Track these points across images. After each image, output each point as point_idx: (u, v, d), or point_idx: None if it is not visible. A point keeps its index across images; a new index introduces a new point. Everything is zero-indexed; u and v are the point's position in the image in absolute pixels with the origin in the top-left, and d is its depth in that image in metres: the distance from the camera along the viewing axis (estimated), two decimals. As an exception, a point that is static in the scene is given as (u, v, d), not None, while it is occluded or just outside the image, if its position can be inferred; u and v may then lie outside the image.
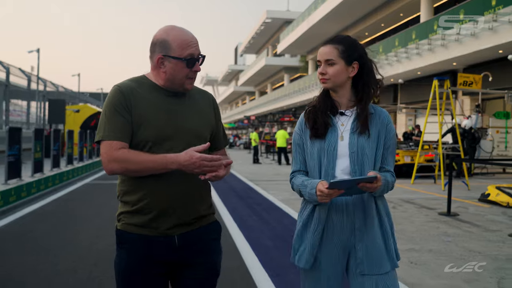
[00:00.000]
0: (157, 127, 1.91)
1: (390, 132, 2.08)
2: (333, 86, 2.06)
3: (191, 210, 1.97)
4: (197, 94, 2.11)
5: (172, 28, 1.96)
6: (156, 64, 1.96)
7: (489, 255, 5.14)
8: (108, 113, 1.90)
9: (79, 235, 6.11)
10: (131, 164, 1.84)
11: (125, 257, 1.95)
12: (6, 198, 8.14)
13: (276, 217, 7.48)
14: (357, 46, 2.08)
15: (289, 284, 4.16)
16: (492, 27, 14.50)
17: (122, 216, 1.98)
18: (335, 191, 1.90)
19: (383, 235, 2.03)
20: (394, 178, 2.08)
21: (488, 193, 9.24)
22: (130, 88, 1.94)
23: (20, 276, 4.31)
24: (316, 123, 2.07)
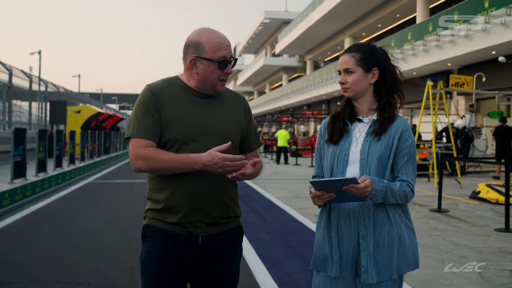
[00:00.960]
0: (185, 127, 1.95)
1: (407, 141, 2.02)
2: (354, 95, 2.07)
3: (217, 210, 1.98)
4: (229, 96, 2.12)
5: (205, 31, 2.00)
6: (189, 65, 1.98)
7: (474, 248, 5.43)
8: (138, 112, 1.96)
9: (85, 231, 6.40)
10: (156, 162, 1.89)
11: (146, 249, 1.98)
12: (12, 197, 8.43)
13: (273, 214, 7.77)
14: (375, 51, 2.06)
15: (284, 273, 4.45)
16: (485, 29, 14.80)
17: (148, 213, 2.02)
18: (322, 193, 1.89)
19: (390, 245, 1.98)
20: (410, 188, 1.99)
21: (479, 190, 9.53)
22: (161, 88, 1.98)
23: (31, 267, 4.59)
24: (333, 129, 2.09)
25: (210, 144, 1.94)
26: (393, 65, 2.08)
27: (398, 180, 2.00)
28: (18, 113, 21.64)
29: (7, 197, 8.19)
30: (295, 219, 7.28)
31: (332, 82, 29.89)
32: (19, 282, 4.16)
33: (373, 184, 1.89)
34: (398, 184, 1.97)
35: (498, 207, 8.37)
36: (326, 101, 37.08)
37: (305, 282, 4.21)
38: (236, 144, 2.06)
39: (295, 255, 5.16)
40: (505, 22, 13.96)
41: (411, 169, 2.03)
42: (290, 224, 6.95)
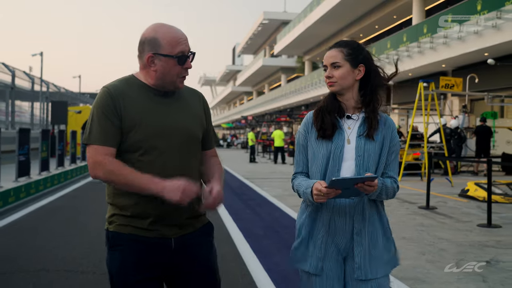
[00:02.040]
0: (149, 128, 1.89)
1: (395, 139, 2.09)
2: (340, 89, 2.06)
3: (187, 210, 1.94)
4: (187, 93, 2.07)
5: (160, 26, 1.92)
6: (146, 63, 1.91)
7: (455, 242, 5.77)
8: (96, 116, 1.88)
9: (88, 226, 6.73)
10: (114, 176, 1.84)
11: (119, 257, 1.90)
12: (17, 194, 8.76)
13: (268, 211, 8.11)
14: (362, 49, 2.09)
15: (274, 264, 4.78)
16: (478, 31, 15.15)
17: (114, 218, 1.94)
18: (332, 190, 1.89)
19: (384, 241, 2.04)
20: (396, 184, 2.06)
21: (468, 188, 9.88)
22: (120, 90, 1.90)
23: (39, 258, 4.93)
24: (324, 123, 2.05)
25: (175, 143, 1.92)
26: (376, 65, 2.11)
27: (387, 177, 2.05)
28: (19, 113, 21.96)
29: (13, 194, 8.53)
30: (288, 215, 7.63)
31: (330, 82, 30.18)
32: (29, 271, 4.50)
33: None
34: (389, 181, 2.03)
35: (484, 205, 8.67)
36: (324, 101, 37.35)
37: (292, 272, 4.54)
38: (199, 142, 2.05)
39: (286, 248, 5.48)
40: (496, 25, 14.31)
41: (396, 166, 2.10)
42: (283, 219, 7.29)
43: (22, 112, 21.15)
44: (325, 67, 2.08)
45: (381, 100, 2.10)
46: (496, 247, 5.49)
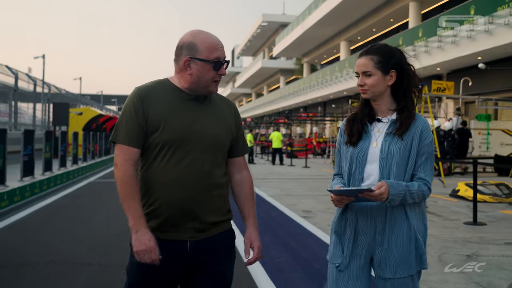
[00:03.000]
0: (175, 130, 1.92)
1: (426, 139, 2.05)
2: (373, 96, 2.10)
3: (206, 216, 1.96)
4: (219, 100, 2.10)
5: (199, 32, 1.98)
6: (182, 66, 1.95)
7: (440, 238, 6.09)
8: (124, 116, 1.94)
9: (92, 222, 7.05)
10: (121, 188, 1.90)
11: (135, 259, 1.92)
12: (22, 194, 9.07)
13: (264, 209, 8.43)
14: (392, 53, 2.09)
15: (269, 257, 5.09)
16: (471, 36, 15.49)
17: None
18: (342, 197, 1.99)
19: (408, 242, 2.03)
20: (427, 187, 2.04)
21: (458, 189, 10.20)
22: (150, 91, 1.96)
23: (48, 252, 5.24)
24: (352, 131, 2.12)
25: (201, 148, 1.95)
26: (409, 64, 2.12)
27: (416, 179, 2.04)
28: (19, 115, 22.28)
29: (18, 193, 8.84)
30: (284, 213, 7.94)
31: (328, 85, 30.58)
32: (38, 263, 4.81)
33: (390, 189, 1.93)
34: (417, 184, 2.01)
35: (472, 204, 9.03)
36: (322, 103, 37.77)
37: (286, 265, 4.87)
38: (226, 149, 2.07)
39: (281, 243, 5.82)
40: (488, 30, 14.66)
41: (428, 167, 2.06)
42: (279, 218, 7.61)
43: (21, 113, 21.46)
44: (357, 74, 2.11)
45: (415, 101, 2.13)
46: (478, 243, 5.82)
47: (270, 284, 4.21)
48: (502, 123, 18.57)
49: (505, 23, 13.97)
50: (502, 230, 6.69)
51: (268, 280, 4.31)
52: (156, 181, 1.92)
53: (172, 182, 1.90)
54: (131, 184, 1.89)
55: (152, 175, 1.94)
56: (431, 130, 11.29)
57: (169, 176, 1.91)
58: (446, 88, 12.85)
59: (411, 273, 2.03)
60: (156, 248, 1.87)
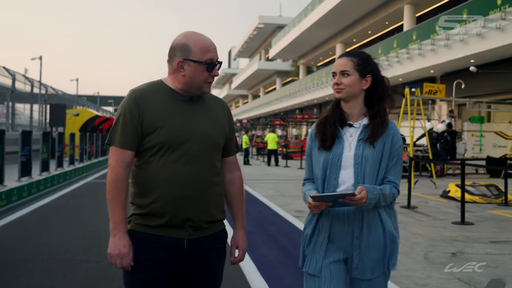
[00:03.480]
0: (171, 131, 1.96)
1: (397, 144, 2.12)
2: (347, 96, 2.14)
3: (201, 214, 2.00)
4: (212, 100, 2.14)
5: (192, 33, 2.01)
6: (175, 67, 1.98)
7: (428, 237, 6.27)
8: (120, 119, 1.98)
9: (89, 222, 7.20)
10: (109, 191, 1.97)
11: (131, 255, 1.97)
12: (20, 193, 9.22)
13: (258, 209, 8.59)
14: (370, 60, 2.17)
15: (260, 255, 5.26)
16: (463, 39, 15.72)
17: (133, 218, 2.02)
18: (321, 203, 2.02)
19: (384, 244, 2.10)
20: (397, 189, 2.12)
21: (449, 190, 10.40)
22: (145, 93, 1.99)
23: (47, 249, 5.39)
24: (325, 135, 2.15)
25: (196, 148, 1.98)
26: (383, 75, 2.19)
27: (387, 181, 2.11)
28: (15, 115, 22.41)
29: (16, 193, 8.98)
30: (276, 213, 8.11)
31: (323, 87, 30.79)
32: (38, 260, 4.96)
33: (368, 194, 1.99)
34: (388, 187, 2.08)
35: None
36: (318, 105, 37.98)
37: (277, 262, 5.04)
38: (220, 149, 2.11)
39: (272, 241, 5.99)
40: (480, 33, 14.88)
41: (398, 170, 2.14)
42: (272, 217, 7.78)
43: (17, 114, 21.58)
44: (334, 74, 2.17)
45: (388, 109, 2.19)
46: (464, 241, 6.00)
47: (261, 281, 4.37)
48: (495, 125, 18.78)
49: (496, 26, 14.19)
50: (488, 229, 6.88)
51: (259, 277, 4.48)
52: (154, 180, 1.95)
53: (169, 182, 1.94)
54: (120, 188, 1.96)
55: (149, 175, 1.97)
56: (424, 132, 11.56)
57: (167, 175, 1.94)
58: (437, 91, 13.07)
59: (385, 273, 2.13)
60: (130, 255, 1.93)
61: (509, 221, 7.53)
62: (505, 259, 5.16)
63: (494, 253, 5.41)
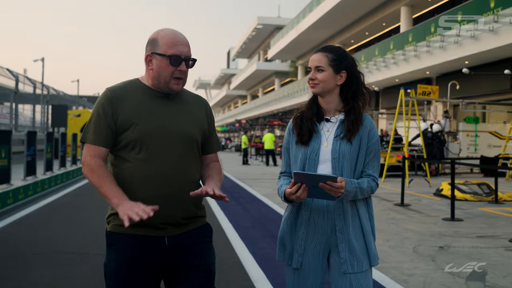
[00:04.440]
0: (144, 128, 1.95)
1: (373, 138, 2.15)
2: (322, 92, 2.16)
3: (180, 211, 1.99)
4: (190, 97, 2.13)
5: (163, 29, 2.02)
6: (145, 62, 2.01)
7: (418, 232, 6.58)
8: (93, 117, 1.98)
9: (93, 219, 7.50)
10: (93, 177, 1.92)
11: (114, 257, 1.96)
12: (26, 192, 9.51)
13: (257, 207, 8.90)
14: (346, 56, 2.18)
15: (259, 248, 5.56)
16: (457, 41, 16.04)
17: (111, 218, 2.00)
18: (303, 188, 2.00)
19: (364, 236, 2.14)
20: (375, 182, 2.15)
21: (442, 188, 10.71)
22: (120, 91, 1.99)
23: (55, 244, 5.68)
24: (302, 130, 2.16)
25: (172, 145, 1.98)
26: (359, 72, 2.20)
27: (365, 175, 2.15)
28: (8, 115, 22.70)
29: (22, 192, 9.27)
30: (274, 210, 8.42)
31: (321, 87, 31.05)
32: (47, 253, 5.26)
33: (346, 185, 2.01)
34: (366, 181, 2.12)
35: (455, 203, 9.53)
36: (316, 105, 38.23)
37: (274, 255, 5.31)
38: (198, 146, 2.09)
39: (270, 236, 6.29)
40: (474, 35, 15.20)
41: (376, 164, 2.17)
42: (270, 214, 8.09)
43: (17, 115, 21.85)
44: (309, 69, 2.19)
45: (363, 105, 2.19)
46: (452, 236, 6.31)
47: (258, 271, 4.67)
48: (490, 125, 19.11)
49: (489, 29, 14.51)
50: (477, 225, 7.18)
51: (257, 268, 4.77)
52: (131, 179, 1.94)
53: (145, 180, 1.93)
54: (102, 170, 1.92)
55: (126, 173, 1.96)
56: (423, 131, 11.93)
57: (143, 174, 1.93)
58: (431, 92, 13.39)
59: (372, 265, 2.16)
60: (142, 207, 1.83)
61: (497, 218, 7.84)
62: (489, 252, 5.47)
63: (480, 247, 5.72)
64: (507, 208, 8.89)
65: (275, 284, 4.23)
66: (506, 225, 7.16)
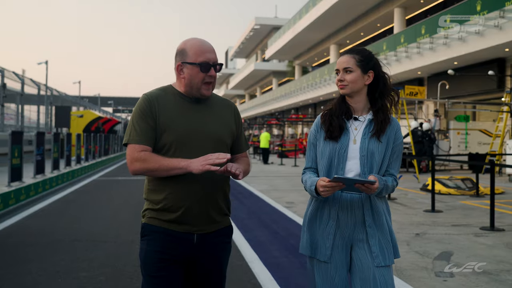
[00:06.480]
0: (179, 131, 2.07)
1: (398, 139, 2.24)
2: (351, 92, 2.22)
3: (212, 210, 2.12)
4: (219, 102, 2.26)
5: (190, 39, 2.16)
6: (177, 71, 2.14)
7: (399, 222, 7.21)
8: (135, 119, 2.09)
9: (102, 211, 8.15)
10: (149, 163, 2.02)
11: (145, 247, 2.11)
12: (36, 189, 10.14)
13: (253, 201, 9.54)
14: (372, 57, 2.25)
15: (253, 236, 6.20)
16: (446, 43, 16.69)
17: (147, 212, 2.14)
18: (337, 184, 2.06)
19: (390, 231, 2.22)
20: (396, 182, 2.24)
21: (428, 183, 11.35)
22: (156, 96, 2.12)
23: (70, 232, 6.31)
24: (332, 126, 2.22)
25: (204, 147, 2.09)
26: (384, 72, 2.29)
27: (388, 174, 2.22)
28: (13, 116, 23.23)
29: (33, 189, 9.91)
30: (269, 204, 9.06)
31: (317, 87, 31.74)
32: (65, 241, 5.89)
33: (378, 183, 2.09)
34: (390, 180, 2.20)
35: (439, 196, 10.18)
36: (313, 105, 38.97)
37: (267, 241, 5.97)
38: (228, 147, 2.21)
39: (264, 226, 6.93)
40: (461, 37, 15.85)
41: (397, 165, 2.26)
42: (265, 207, 8.73)
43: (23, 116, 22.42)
44: (338, 71, 2.26)
45: (391, 105, 2.28)
46: (429, 225, 6.96)
47: (253, 254, 5.30)
48: (481, 123, 19.75)
49: (475, 31, 15.16)
50: (454, 216, 7.83)
51: (252, 251, 5.41)
52: (167, 179, 2.06)
53: (180, 179, 2.04)
54: (153, 155, 2.04)
55: None
56: (412, 130, 12.60)
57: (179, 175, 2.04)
58: (418, 93, 14.04)
59: (396, 257, 2.25)
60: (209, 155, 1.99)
61: (474, 209, 8.49)
62: (459, 238, 6.11)
63: (452, 233, 6.36)
64: (486, 201, 9.52)
65: (267, 264, 4.86)
66: (481, 215, 7.81)
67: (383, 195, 2.20)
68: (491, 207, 6.65)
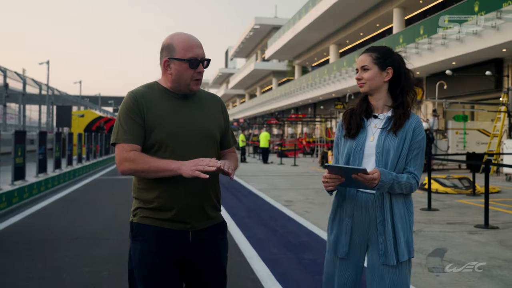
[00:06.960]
0: (168, 128, 2.03)
1: (418, 136, 2.19)
2: (369, 90, 2.23)
3: (205, 207, 2.10)
4: (206, 96, 2.21)
5: (177, 34, 2.09)
6: (163, 67, 2.07)
7: (396, 220, 7.34)
8: (121, 118, 2.03)
9: (104, 210, 8.28)
10: (138, 163, 1.96)
11: (139, 248, 2.05)
12: (39, 188, 10.28)
13: (252, 200, 9.68)
14: (391, 54, 2.25)
15: (252, 233, 6.34)
16: (444, 43, 16.84)
17: (138, 211, 2.08)
18: (337, 176, 2.10)
19: (403, 230, 2.17)
20: (416, 181, 2.17)
21: (425, 182, 11.46)
22: (142, 94, 2.06)
23: (73, 230, 6.45)
24: (350, 124, 2.26)
25: (195, 143, 2.07)
26: (408, 69, 2.27)
27: (406, 172, 2.18)
28: (13, 116, 23.33)
29: (36, 187, 10.05)
30: (268, 203, 9.20)
31: (317, 87, 31.87)
32: (68, 238, 6.03)
33: (381, 176, 2.06)
34: (405, 176, 2.15)
35: (436, 195, 10.33)
36: (312, 104, 39.11)
37: (266, 238, 6.11)
38: (218, 142, 2.19)
39: (263, 224, 7.07)
40: (459, 38, 15.99)
41: (418, 163, 2.20)
42: (264, 206, 8.87)
43: (16, 115, 22.50)
44: (357, 71, 2.28)
45: (413, 100, 2.26)
46: (425, 223, 7.09)
47: (251, 250, 5.44)
48: (479, 123, 19.89)
49: (473, 32, 15.30)
50: (450, 214, 7.97)
51: (251, 248, 5.55)
52: (158, 178, 2.01)
53: (173, 178, 1.99)
54: (143, 155, 1.98)
55: None
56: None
57: None
58: (416, 92, 14.14)
59: (410, 256, 2.21)
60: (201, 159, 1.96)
61: (470, 208, 8.64)
62: (454, 235, 6.25)
63: (446, 231, 6.50)
64: (482, 199, 9.62)
65: (265, 261, 5.00)
66: (476, 214, 7.95)
67: (396, 191, 2.15)
68: (486, 205, 6.79)
